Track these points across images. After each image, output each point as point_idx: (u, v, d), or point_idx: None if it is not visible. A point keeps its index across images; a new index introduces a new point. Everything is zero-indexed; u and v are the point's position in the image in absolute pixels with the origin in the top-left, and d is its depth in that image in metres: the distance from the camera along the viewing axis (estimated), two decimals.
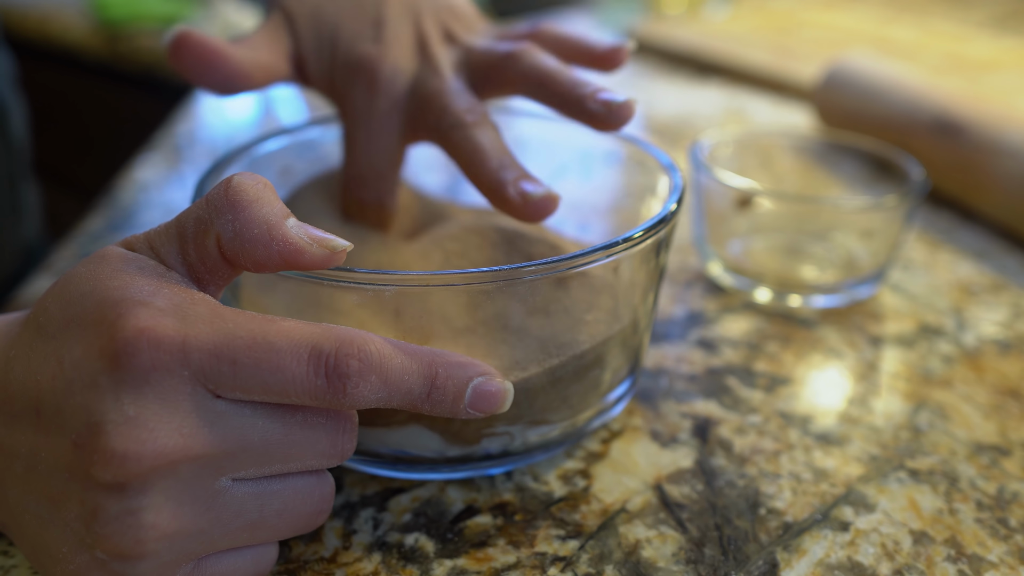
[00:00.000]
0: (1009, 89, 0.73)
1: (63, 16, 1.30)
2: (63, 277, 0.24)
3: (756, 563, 0.29)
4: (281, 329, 0.23)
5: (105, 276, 0.23)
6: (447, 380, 0.25)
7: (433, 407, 0.25)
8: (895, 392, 0.38)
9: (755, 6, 1.01)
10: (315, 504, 0.25)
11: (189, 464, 0.22)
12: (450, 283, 0.26)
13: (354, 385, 0.23)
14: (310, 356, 0.22)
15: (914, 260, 0.49)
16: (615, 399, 0.33)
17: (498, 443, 0.30)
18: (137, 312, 0.22)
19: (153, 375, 0.21)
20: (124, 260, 0.24)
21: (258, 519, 0.24)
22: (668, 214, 0.30)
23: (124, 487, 0.21)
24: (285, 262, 0.24)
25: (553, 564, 0.29)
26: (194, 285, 0.25)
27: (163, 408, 0.21)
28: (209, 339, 0.22)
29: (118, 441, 0.21)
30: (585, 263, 0.28)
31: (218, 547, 0.24)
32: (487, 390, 0.25)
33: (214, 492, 0.23)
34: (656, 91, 0.78)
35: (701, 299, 0.45)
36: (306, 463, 0.24)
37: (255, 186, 0.24)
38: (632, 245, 0.28)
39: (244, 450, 0.23)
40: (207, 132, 0.68)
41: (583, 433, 0.32)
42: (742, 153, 0.50)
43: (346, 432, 0.25)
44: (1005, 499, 0.32)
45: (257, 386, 0.22)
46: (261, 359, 0.22)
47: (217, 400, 0.22)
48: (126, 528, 0.22)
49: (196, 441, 0.22)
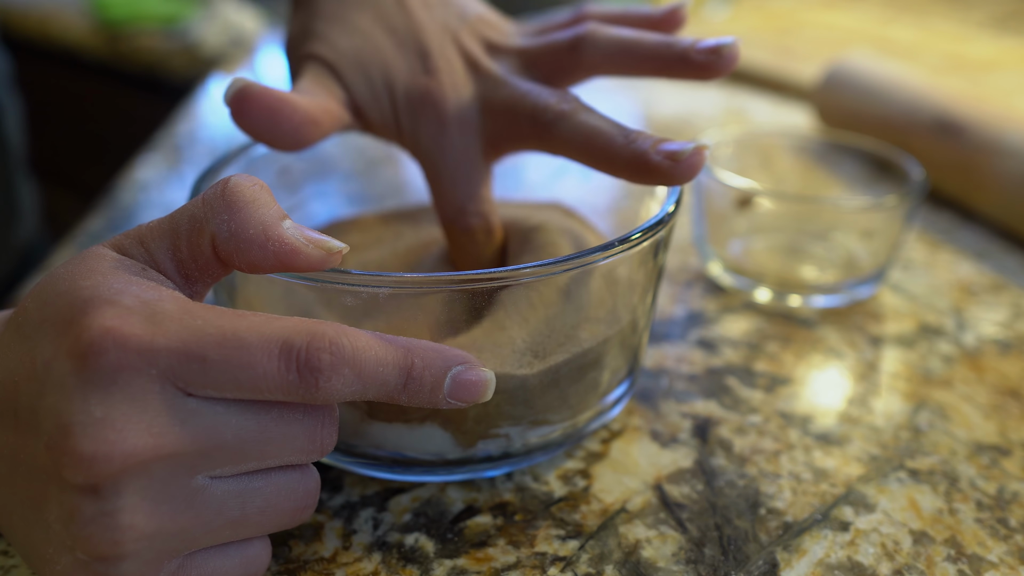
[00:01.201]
0: (1009, 89, 0.73)
1: (63, 16, 1.30)
2: (44, 276, 0.24)
3: (756, 563, 0.29)
4: (251, 324, 0.22)
5: (79, 275, 0.23)
6: (424, 370, 0.24)
7: (411, 398, 0.24)
8: (895, 392, 0.38)
9: (755, 6, 1.01)
10: (299, 500, 0.25)
11: (162, 463, 0.22)
12: (442, 285, 0.26)
13: (326, 379, 0.22)
14: (281, 351, 0.22)
15: (914, 260, 0.49)
16: (614, 400, 0.33)
17: (497, 445, 0.30)
18: (103, 311, 0.22)
19: (120, 375, 0.21)
20: (102, 259, 0.24)
21: (240, 516, 0.24)
22: (666, 216, 0.30)
23: (97, 489, 0.21)
24: (281, 263, 0.24)
25: (553, 564, 0.29)
26: (181, 282, 0.25)
27: (131, 408, 0.21)
28: (177, 337, 0.22)
29: (86, 443, 0.21)
30: (583, 264, 0.28)
31: (201, 544, 0.24)
32: (467, 379, 0.25)
33: (192, 491, 0.23)
34: (656, 91, 0.78)
35: (701, 299, 0.45)
36: (284, 459, 0.24)
37: (252, 187, 0.24)
38: (630, 247, 0.28)
39: (218, 448, 0.22)
40: (207, 132, 0.68)
41: (582, 434, 0.32)
42: (742, 153, 0.50)
43: (325, 427, 0.24)
44: (1005, 499, 0.32)
45: (228, 383, 0.22)
46: (231, 356, 0.22)
47: (188, 398, 0.22)
48: (103, 530, 0.21)
49: (167, 440, 0.22)
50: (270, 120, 0.30)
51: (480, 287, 0.27)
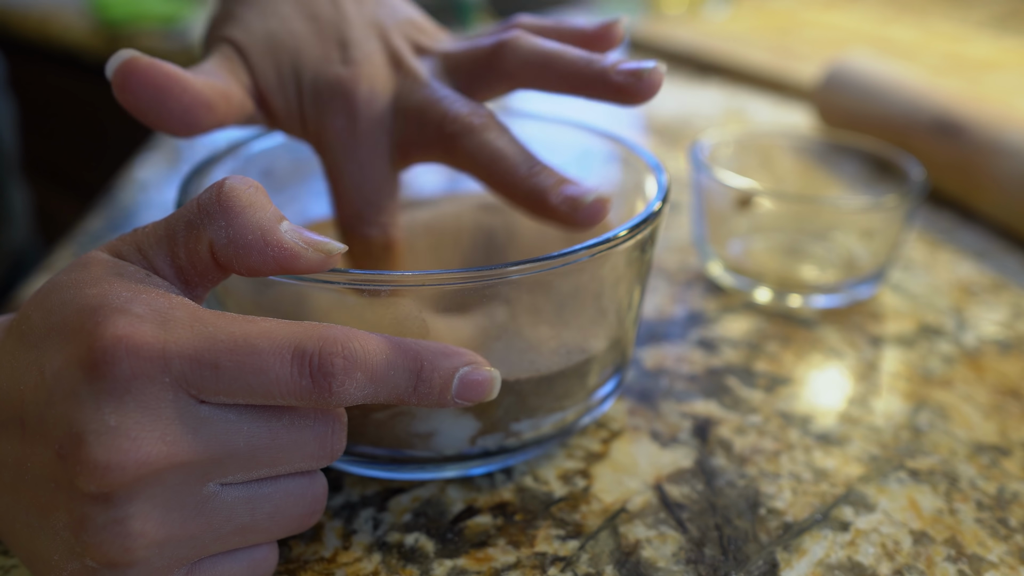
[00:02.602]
0: (1009, 89, 0.73)
1: (63, 16, 1.30)
2: (45, 284, 0.24)
3: (756, 563, 0.29)
4: (263, 330, 0.22)
5: (85, 283, 0.23)
6: (433, 372, 0.24)
7: (420, 399, 0.24)
8: (895, 392, 0.38)
9: (755, 6, 1.01)
10: (307, 505, 0.25)
11: (174, 471, 0.22)
12: (428, 283, 0.26)
13: (340, 383, 0.22)
14: (293, 356, 0.22)
15: (914, 260, 0.49)
16: (603, 396, 0.33)
17: (495, 440, 0.30)
18: (115, 320, 0.21)
19: (134, 383, 0.21)
20: (105, 266, 0.24)
21: (249, 523, 0.24)
22: (651, 214, 0.30)
23: (110, 497, 0.21)
24: (280, 267, 0.24)
25: (553, 564, 0.29)
26: (181, 287, 0.25)
27: (145, 416, 0.21)
28: (190, 344, 0.22)
29: (100, 452, 0.21)
30: (569, 262, 0.28)
31: (210, 551, 0.24)
32: (474, 379, 0.25)
33: (202, 498, 0.23)
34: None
35: (701, 299, 0.45)
36: (295, 466, 0.24)
37: (247, 190, 0.24)
38: (615, 244, 0.29)
39: (230, 455, 0.22)
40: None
41: (573, 429, 0.32)
42: (742, 153, 0.50)
43: (335, 432, 0.24)
44: (1005, 499, 0.32)
45: (241, 389, 0.22)
46: (244, 362, 0.22)
47: (201, 405, 0.22)
48: (114, 537, 0.21)
49: (180, 448, 0.21)
50: (156, 99, 0.28)
51: (464, 287, 0.27)
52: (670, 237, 0.51)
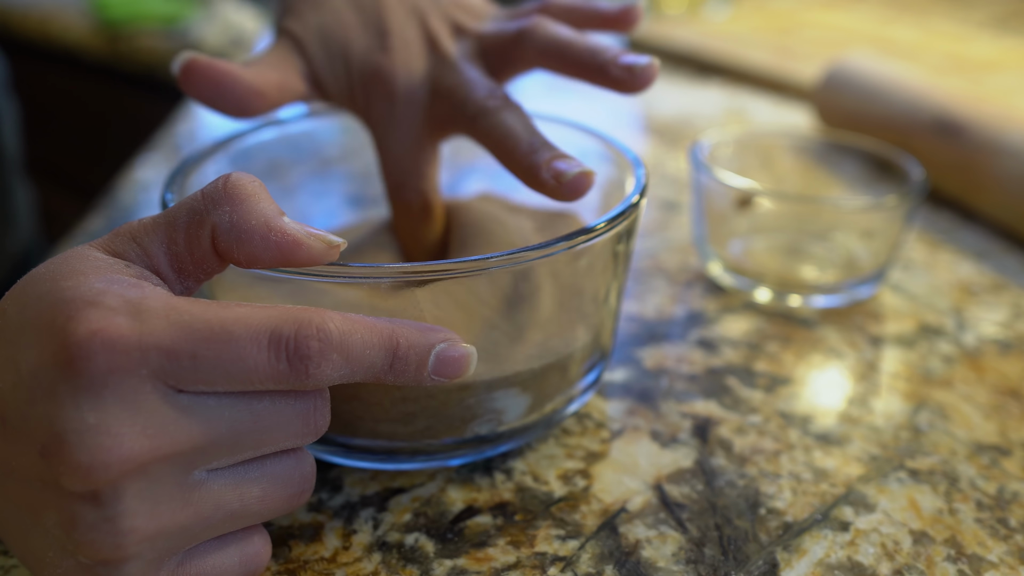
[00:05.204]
0: (1009, 89, 0.73)
1: (63, 16, 1.30)
2: (24, 277, 0.24)
3: (756, 563, 0.29)
4: (238, 316, 0.22)
5: (60, 275, 0.23)
6: (409, 350, 0.24)
7: (397, 377, 0.25)
8: (895, 392, 0.38)
9: (755, 6, 1.01)
10: (296, 485, 0.25)
11: (159, 464, 0.22)
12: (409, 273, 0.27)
13: (316, 365, 0.23)
14: (270, 341, 0.22)
15: (914, 260, 0.49)
16: (584, 387, 0.34)
17: (487, 426, 0.31)
18: (87, 314, 0.21)
19: (111, 378, 0.21)
20: (83, 258, 0.23)
21: (239, 507, 0.24)
22: (628, 207, 0.31)
23: (97, 495, 0.21)
24: (282, 255, 0.24)
25: (553, 564, 0.29)
26: (175, 276, 0.25)
27: (125, 411, 0.21)
28: (166, 334, 0.21)
29: (83, 452, 0.20)
30: (548, 253, 0.28)
31: (202, 539, 0.24)
32: (450, 356, 0.25)
33: (190, 487, 0.23)
34: (656, 91, 0.77)
35: (701, 299, 0.45)
36: (280, 445, 0.24)
37: (252, 183, 0.24)
38: (594, 236, 0.29)
39: (214, 442, 0.22)
40: (207, 132, 0.68)
41: (559, 417, 0.33)
42: (742, 153, 0.50)
43: (318, 408, 0.24)
44: (1005, 499, 0.32)
45: (219, 377, 0.22)
46: (221, 350, 0.22)
47: (180, 395, 0.22)
48: (104, 535, 0.21)
49: (163, 440, 0.21)
50: (214, 91, 0.32)
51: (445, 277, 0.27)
52: (670, 237, 0.51)
